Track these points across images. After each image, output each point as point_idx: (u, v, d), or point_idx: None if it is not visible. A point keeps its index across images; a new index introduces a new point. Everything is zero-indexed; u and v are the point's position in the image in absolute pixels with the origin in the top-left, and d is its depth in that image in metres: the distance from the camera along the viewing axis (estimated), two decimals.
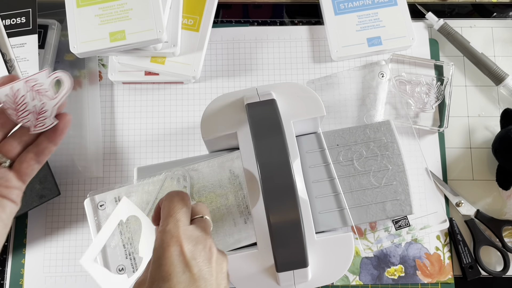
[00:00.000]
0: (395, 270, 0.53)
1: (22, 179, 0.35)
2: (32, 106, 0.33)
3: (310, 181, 0.48)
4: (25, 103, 0.33)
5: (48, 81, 0.32)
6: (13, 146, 0.34)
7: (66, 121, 0.34)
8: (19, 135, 0.34)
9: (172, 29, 0.54)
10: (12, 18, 0.55)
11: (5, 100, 0.32)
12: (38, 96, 0.33)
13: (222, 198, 0.47)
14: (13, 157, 0.34)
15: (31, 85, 0.32)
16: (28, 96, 0.32)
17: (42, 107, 0.33)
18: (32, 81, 0.32)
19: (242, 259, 0.43)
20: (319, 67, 0.59)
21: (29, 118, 0.33)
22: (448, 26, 0.58)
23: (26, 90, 0.32)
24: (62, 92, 0.33)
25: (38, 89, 0.33)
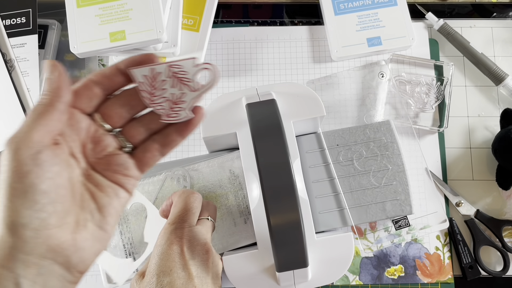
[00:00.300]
0: (395, 270, 0.53)
1: (141, 169, 0.32)
2: (170, 93, 0.30)
3: (310, 181, 0.48)
4: (163, 88, 0.29)
5: (194, 70, 0.29)
6: (139, 132, 0.31)
7: (200, 115, 0.31)
8: (147, 121, 0.31)
9: (172, 29, 0.54)
10: (12, 18, 0.55)
11: (142, 81, 0.29)
12: (179, 85, 0.30)
13: (222, 198, 0.47)
14: (136, 143, 0.32)
15: (174, 71, 0.29)
16: (168, 82, 0.29)
17: (181, 97, 0.30)
18: (177, 67, 0.29)
19: (242, 259, 0.43)
20: (319, 67, 0.59)
21: (164, 106, 0.30)
22: (448, 26, 0.58)
23: (168, 75, 0.29)
24: (207, 85, 0.29)
25: (180, 77, 0.29)
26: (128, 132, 0.31)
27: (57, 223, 0.27)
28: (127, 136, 0.31)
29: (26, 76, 0.53)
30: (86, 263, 0.29)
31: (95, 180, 0.30)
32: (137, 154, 0.31)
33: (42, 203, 0.26)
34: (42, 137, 0.27)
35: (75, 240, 0.27)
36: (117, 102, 0.31)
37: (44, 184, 0.26)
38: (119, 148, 0.31)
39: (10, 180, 0.25)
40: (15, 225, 0.25)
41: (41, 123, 0.27)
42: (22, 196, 0.25)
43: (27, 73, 0.53)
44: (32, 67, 0.53)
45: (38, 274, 0.26)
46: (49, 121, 0.27)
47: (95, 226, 0.29)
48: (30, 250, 0.26)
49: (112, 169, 0.30)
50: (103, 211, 0.30)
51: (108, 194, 0.30)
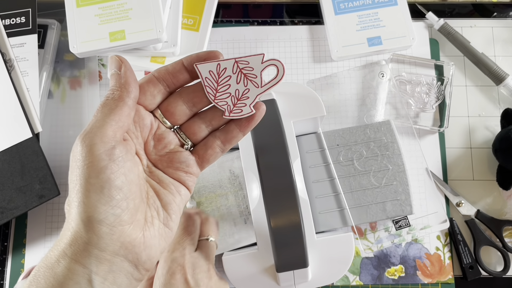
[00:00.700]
0: (395, 270, 0.53)
1: (202, 166, 0.31)
2: (235, 89, 0.29)
3: (310, 181, 0.48)
4: (228, 84, 0.29)
5: (260, 67, 0.29)
6: (200, 129, 0.31)
7: (262, 111, 0.30)
8: (209, 118, 0.31)
9: (172, 29, 0.54)
10: (12, 18, 0.54)
11: (207, 76, 0.29)
12: (245, 80, 0.29)
13: (222, 198, 0.47)
14: (197, 140, 0.31)
15: (241, 67, 0.29)
16: (233, 78, 0.29)
17: (245, 93, 0.30)
18: (244, 62, 0.29)
19: (242, 259, 0.43)
20: (319, 67, 0.59)
21: (227, 102, 0.30)
22: (449, 26, 0.58)
23: (234, 71, 0.29)
24: (272, 81, 0.29)
25: (246, 73, 0.29)
26: (189, 129, 0.31)
27: (129, 220, 0.26)
28: (188, 133, 0.31)
29: (26, 76, 0.53)
30: (152, 260, 0.28)
31: (157, 177, 0.30)
32: (198, 151, 0.31)
33: (117, 199, 0.26)
34: (115, 132, 0.26)
35: (144, 238, 0.27)
36: (179, 99, 0.30)
37: (118, 179, 0.26)
38: (180, 145, 0.31)
39: (86, 176, 0.25)
40: (91, 220, 0.25)
41: (114, 119, 0.27)
42: (99, 191, 0.25)
43: (26, 73, 0.53)
44: (31, 67, 0.53)
45: (109, 271, 0.26)
46: (121, 116, 0.27)
47: (161, 224, 0.29)
48: (104, 246, 0.26)
49: (174, 167, 0.30)
50: (167, 208, 0.30)
51: (171, 191, 0.30)
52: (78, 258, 0.26)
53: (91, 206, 0.25)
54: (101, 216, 0.25)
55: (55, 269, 0.26)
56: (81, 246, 0.26)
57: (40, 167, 0.50)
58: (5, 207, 0.49)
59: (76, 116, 0.57)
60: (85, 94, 0.57)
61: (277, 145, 0.40)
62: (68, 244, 0.26)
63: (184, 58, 0.30)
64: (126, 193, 0.26)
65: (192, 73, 0.30)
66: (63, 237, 0.27)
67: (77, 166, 0.26)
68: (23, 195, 0.49)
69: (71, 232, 0.26)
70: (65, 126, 0.56)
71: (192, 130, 0.31)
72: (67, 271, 0.25)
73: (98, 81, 0.58)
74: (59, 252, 0.26)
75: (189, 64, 0.29)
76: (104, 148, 0.26)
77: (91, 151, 0.25)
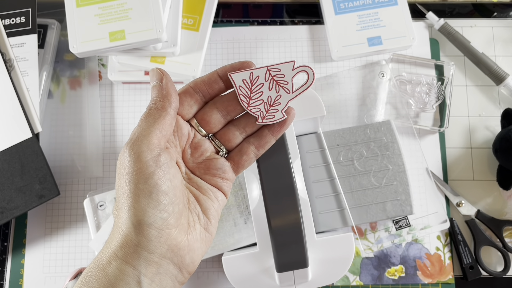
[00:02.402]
0: (396, 271, 0.53)
1: (237, 171, 0.33)
2: (267, 96, 0.31)
3: (311, 181, 0.48)
4: (261, 91, 0.31)
5: (292, 73, 0.31)
6: (235, 136, 0.32)
7: (292, 116, 0.32)
8: (243, 125, 0.32)
9: (172, 28, 0.54)
10: (12, 18, 0.54)
11: (241, 85, 0.31)
12: (276, 87, 0.31)
13: None
14: (232, 147, 0.32)
15: (273, 75, 0.31)
16: (265, 85, 0.31)
17: (277, 99, 0.31)
18: (275, 70, 0.31)
19: (242, 259, 0.43)
20: (319, 67, 0.59)
21: (260, 109, 0.31)
22: (449, 25, 0.58)
23: (266, 78, 0.31)
24: (303, 87, 0.31)
25: (278, 79, 0.31)
26: (224, 136, 0.32)
27: (175, 224, 0.28)
28: (223, 140, 0.32)
29: (26, 76, 0.53)
30: (195, 264, 0.30)
31: (196, 183, 0.31)
32: (233, 157, 0.32)
33: (164, 203, 0.27)
34: (159, 140, 0.28)
35: (188, 241, 0.29)
36: (214, 107, 0.32)
37: (165, 185, 0.27)
38: (216, 152, 0.32)
39: (135, 181, 0.27)
40: (141, 224, 0.27)
41: (158, 127, 0.28)
42: (147, 196, 0.27)
43: (26, 73, 0.53)
44: (31, 67, 0.53)
45: (156, 273, 0.28)
46: (164, 125, 0.28)
47: (202, 228, 0.30)
48: (153, 248, 0.27)
49: (211, 173, 0.32)
50: (207, 213, 0.31)
51: (209, 197, 0.31)
52: (129, 260, 0.27)
53: (140, 210, 0.27)
54: (150, 219, 0.27)
55: (106, 269, 0.27)
56: (132, 248, 0.27)
57: (40, 167, 0.50)
58: (5, 207, 0.49)
59: (76, 116, 0.57)
60: (85, 94, 0.57)
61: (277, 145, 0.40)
62: (119, 247, 0.27)
63: (218, 69, 0.31)
64: (172, 197, 0.28)
65: (226, 82, 0.31)
66: (113, 240, 0.28)
67: (126, 172, 0.27)
68: (23, 195, 0.49)
69: (121, 235, 0.27)
70: (65, 126, 0.56)
71: (226, 137, 0.32)
72: (118, 272, 0.27)
73: (98, 81, 0.58)
74: (110, 254, 0.27)
75: (223, 74, 0.31)
76: (151, 155, 0.27)
77: (139, 158, 0.27)
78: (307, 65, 0.31)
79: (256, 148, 0.32)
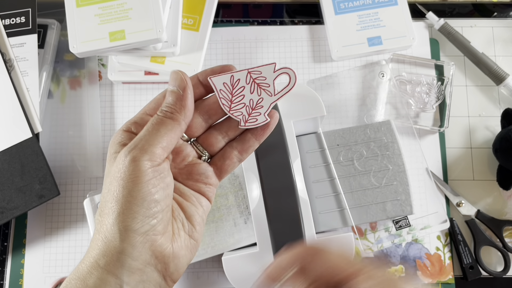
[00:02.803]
0: (396, 271, 0.53)
1: (220, 176, 0.32)
2: (249, 99, 0.30)
3: (310, 181, 0.48)
4: (242, 94, 0.30)
5: (273, 76, 0.30)
6: (217, 140, 0.32)
7: (275, 119, 0.31)
8: (225, 129, 0.32)
9: (172, 28, 0.54)
10: (12, 18, 0.54)
11: (222, 88, 0.30)
12: (258, 90, 0.30)
13: (222, 198, 0.47)
14: (214, 151, 0.32)
15: (254, 77, 0.30)
16: (247, 88, 0.30)
17: (259, 102, 0.30)
18: (256, 72, 0.30)
19: (242, 259, 0.43)
20: (319, 67, 0.59)
21: (242, 112, 0.30)
22: (449, 25, 0.58)
23: (247, 81, 0.30)
24: (284, 89, 0.30)
25: (259, 82, 0.30)
26: (206, 140, 0.32)
27: (162, 230, 0.27)
28: (205, 145, 0.32)
29: (26, 76, 0.53)
30: (179, 272, 0.29)
31: (179, 189, 0.31)
32: (216, 162, 0.32)
33: (154, 211, 0.27)
34: (163, 152, 0.27)
35: (173, 248, 0.28)
36: (195, 112, 0.31)
37: (158, 194, 0.27)
38: (198, 157, 0.32)
39: (130, 188, 0.26)
40: (128, 230, 0.26)
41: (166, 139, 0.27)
42: (139, 203, 0.26)
43: (26, 73, 0.53)
44: (31, 67, 0.53)
45: (140, 281, 0.27)
46: (172, 138, 0.28)
47: (187, 235, 0.30)
48: (137, 255, 0.27)
49: (194, 179, 0.31)
50: (192, 220, 0.30)
51: (193, 203, 0.31)
52: (111, 269, 0.26)
53: (130, 216, 0.26)
54: (137, 225, 0.26)
55: (87, 280, 0.26)
56: (115, 256, 0.26)
57: (40, 167, 0.50)
58: (5, 207, 0.49)
59: (76, 116, 0.57)
60: (85, 94, 0.57)
61: (277, 145, 0.40)
62: (101, 255, 0.27)
63: (199, 73, 0.31)
64: (163, 206, 0.27)
65: (207, 87, 0.31)
66: (95, 248, 0.27)
67: (121, 177, 0.26)
68: (23, 195, 0.49)
69: (104, 242, 0.27)
70: (65, 126, 0.56)
71: (209, 141, 0.32)
72: (99, 282, 0.26)
73: (98, 81, 0.58)
74: (91, 263, 0.27)
75: (204, 79, 0.30)
76: (151, 165, 0.27)
77: (138, 167, 0.26)
78: (288, 67, 0.30)
79: (239, 153, 0.32)
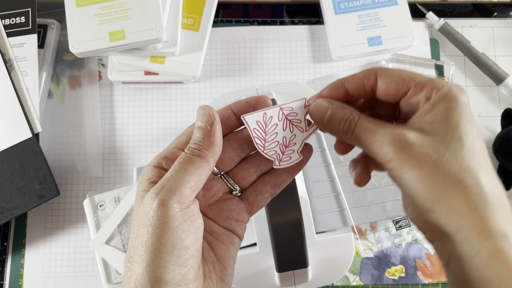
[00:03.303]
0: (396, 271, 0.53)
1: (251, 212, 0.30)
2: (282, 137, 0.29)
3: (311, 181, 0.48)
4: (275, 132, 0.29)
5: (304, 111, 0.29)
6: (249, 173, 0.30)
7: (309, 155, 0.30)
8: (257, 162, 0.30)
9: (172, 28, 0.54)
10: (12, 18, 0.54)
11: (255, 127, 0.28)
12: (290, 127, 0.29)
13: None
14: (246, 185, 0.30)
15: (286, 114, 0.29)
16: (279, 126, 0.29)
17: (292, 139, 0.29)
18: (287, 109, 0.29)
19: (242, 259, 0.43)
20: (319, 67, 0.59)
21: (276, 151, 0.29)
22: (449, 25, 0.58)
23: (279, 118, 0.29)
24: (314, 126, 0.29)
25: (291, 119, 0.29)
26: (237, 174, 0.30)
27: (193, 278, 0.26)
28: (237, 179, 0.30)
29: (26, 76, 0.53)
30: None
31: (209, 227, 0.29)
32: (248, 197, 0.30)
33: (184, 258, 0.25)
34: (192, 192, 0.26)
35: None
36: (227, 145, 0.29)
37: (188, 239, 0.25)
38: (229, 192, 0.30)
39: (158, 235, 0.24)
40: (159, 281, 0.24)
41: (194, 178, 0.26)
42: (169, 251, 0.24)
43: (26, 73, 0.53)
44: (31, 67, 0.53)
45: None
46: (201, 177, 0.26)
47: (218, 278, 0.28)
48: None
49: (224, 215, 0.29)
50: (223, 261, 0.28)
51: (223, 242, 0.29)
52: None
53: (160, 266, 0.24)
54: (169, 276, 0.25)
55: None
56: None
57: (40, 167, 0.50)
58: (5, 207, 0.49)
59: (76, 116, 0.57)
60: (85, 94, 0.57)
61: None
62: None
63: (233, 105, 0.29)
64: (193, 251, 0.26)
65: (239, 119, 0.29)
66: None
67: (149, 223, 0.25)
68: (23, 195, 0.49)
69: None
70: (65, 126, 0.56)
71: (240, 175, 0.30)
72: None
73: (98, 81, 0.58)
74: None
75: (238, 111, 0.29)
76: (180, 208, 0.25)
77: (166, 211, 0.24)
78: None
79: (272, 188, 0.30)
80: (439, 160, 0.23)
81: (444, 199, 0.23)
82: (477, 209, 0.22)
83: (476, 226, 0.22)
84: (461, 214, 0.22)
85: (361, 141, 0.26)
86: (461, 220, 0.22)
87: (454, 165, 0.23)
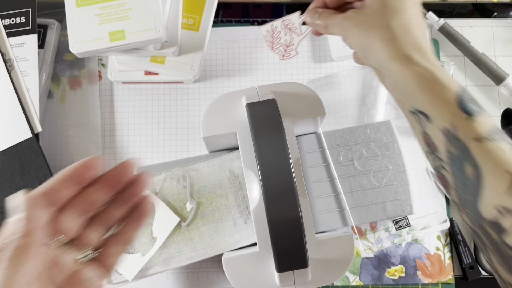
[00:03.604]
0: (396, 271, 0.53)
1: (108, 271, 0.30)
2: (284, 40, 0.43)
3: (310, 181, 0.48)
4: (280, 37, 0.43)
5: (298, 21, 0.43)
6: (97, 232, 0.30)
7: (149, 205, 0.32)
8: (105, 220, 0.31)
9: (171, 28, 0.54)
10: (12, 18, 0.54)
11: (265, 34, 0.43)
12: (289, 33, 0.43)
13: (222, 198, 0.47)
14: (96, 247, 0.30)
15: (286, 24, 0.42)
16: (282, 32, 0.43)
17: (291, 41, 0.43)
18: (287, 20, 0.42)
19: (242, 259, 0.43)
20: (319, 67, 0.59)
21: (280, 50, 0.43)
22: (449, 25, 0.58)
23: (282, 27, 0.42)
24: (307, 30, 0.42)
25: (290, 27, 0.42)
26: (84, 239, 0.29)
27: None
28: (84, 243, 0.29)
29: (26, 76, 0.53)
30: None
31: None
32: (102, 261, 0.30)
33: None
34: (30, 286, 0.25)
35: None
36: (68, 211, 0.28)
37: None
38: (78, 260, 0.28)
39: None
40: None
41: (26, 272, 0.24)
42: None
43: (26, 73, 0.53)
44: (31, 67, 0.53)
45: None
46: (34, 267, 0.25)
47: None
48: None
49: (81, 287, 0.28)
50: None
51: None
52: None
53: None
54: None
55: None
56: None
57: (40, 167, 0.50)
58: (5, 207, 0.49)
59: (76, 116, 0.57)
60: (85, 94, 0.57)
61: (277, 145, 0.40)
62: None
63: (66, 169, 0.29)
64: None
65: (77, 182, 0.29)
66: None
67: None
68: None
69: None
70: (65, 126, 0.56)
71: (88, 239, 0.29)
72: None
73: (98, 81, 0.58)
74: None
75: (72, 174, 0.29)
76: None
77: None
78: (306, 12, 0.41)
79: (123, 244, 0.31)
80: (365, 19, 0.35)
81: (370, 44, 0.35)
82: (389, 45, 0.34)
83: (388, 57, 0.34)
84: (379, 52, 0.34)
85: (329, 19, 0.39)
86: (380, 55, 0.34)
87: (373, 21, 0.35)
